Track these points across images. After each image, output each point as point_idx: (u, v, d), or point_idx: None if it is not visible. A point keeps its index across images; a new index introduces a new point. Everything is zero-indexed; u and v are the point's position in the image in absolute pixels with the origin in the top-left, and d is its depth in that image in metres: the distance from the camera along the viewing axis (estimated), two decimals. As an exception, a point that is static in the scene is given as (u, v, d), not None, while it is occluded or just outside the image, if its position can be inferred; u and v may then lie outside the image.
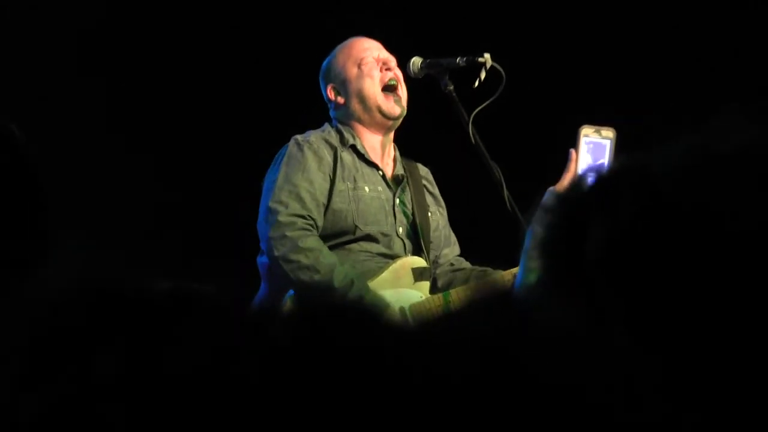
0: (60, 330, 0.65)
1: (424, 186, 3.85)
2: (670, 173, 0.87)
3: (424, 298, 3.61)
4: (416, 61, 3.66)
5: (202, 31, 5.29)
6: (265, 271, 3.59)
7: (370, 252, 3.61)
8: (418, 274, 3.64)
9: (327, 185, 3.59)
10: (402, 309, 3.56)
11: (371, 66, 3.67)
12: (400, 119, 3.72)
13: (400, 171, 3.77)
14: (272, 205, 3.51)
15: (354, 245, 3.60)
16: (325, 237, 3.55)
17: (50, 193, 1.15)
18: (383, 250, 3.64)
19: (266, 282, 3.59)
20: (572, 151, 3.03)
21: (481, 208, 3.92)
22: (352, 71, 3.68)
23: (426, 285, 3.64)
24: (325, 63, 3.77)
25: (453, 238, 3.85)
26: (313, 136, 3.64)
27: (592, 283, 0.87)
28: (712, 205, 0.85)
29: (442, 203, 3.88)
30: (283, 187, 3.53)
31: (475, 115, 3.54)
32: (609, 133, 3.05)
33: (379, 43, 3.76)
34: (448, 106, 3.61)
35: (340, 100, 3.70)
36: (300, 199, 3.52)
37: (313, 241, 3.49)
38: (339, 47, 3.76)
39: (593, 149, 3.06)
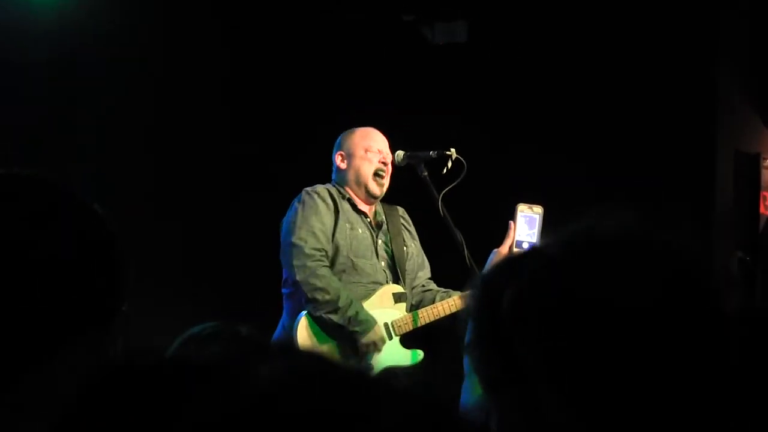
0: (88, 408, 0.69)
1: (402, 224, 4.30)
2: (560, 253, 0.99)
3: (401, 315, 4.13)
4: (400, 153, 4.20)
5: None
6: (285, 297, 4.10)
7: (361, 282, 4.11)
8: (397, 297, 4.15)
9: (332, 224, 4.08)
10: (386, 324, 4.08)
11: (373, 154, 4.16)
12: (379, 199, 4.21)
13: (381, 219, 4.25)
14: (295, 240, 4.01)
15: (346, 276, 4.08)
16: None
17: (129, 264, 1.12)
18: (370, 279, 4.11)
19: (286, 305, 4.11)
20: (511, 222, 3.47)
21: (446, 263, 4.13)
22: (359, 151, 4.16)
23: (403, 305, 4.15)
24: (344, 133, 4.26)
25: (426, 262, 4.31)
26: (320, 188, 4.16)
27: (506, 336, 0.97)
28: (590, 276, 0.96)
29: (416, 236, 4.33)
30: (302, 227, 4.03)
31: (443, 194, 3.98)
32: (538, 209, 3.48)
33: (386, 140, 4.23)
34: (423, 187, 4.06)
35: (343, 166, 4.21)
36: (315, 236, 4.02)
37: (326, 270, 4.00)
38: (358, 129, 4.22)
39: (527, 221, 3.47)
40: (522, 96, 5.59)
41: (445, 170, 4.00)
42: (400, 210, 4.33)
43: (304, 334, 4.00)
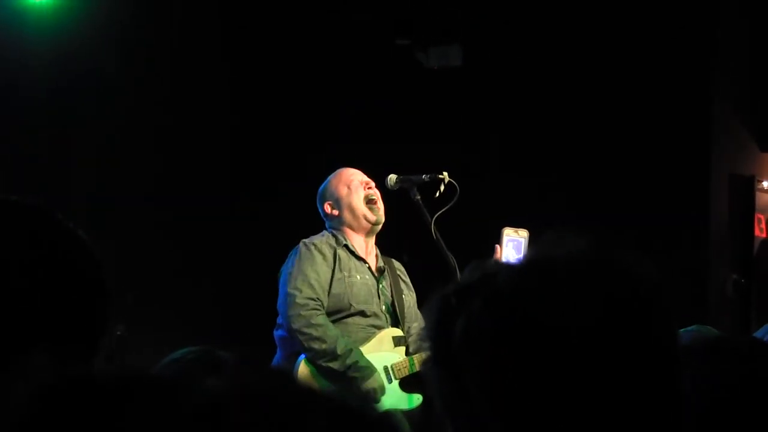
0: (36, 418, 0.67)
1: (399, 275, 4.32)
2: (506, 278, 1.02)
3: (401, 359, 4.17)
4: (392, 177, 4.21)
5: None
6: (279, 342, 4.13)
7: (361, 325, 4.11)
8: (397, 341, 4.18)
9: (329, 275, 4.06)
10: (386, 367, 4.12)
11: (357, 186, 4.20)
12: (380, 225, 4.21)
13: (381, 264, 4.25)
14: (290, 290, 3.99)
15: (349, 320, 4.08)
16: (328, 314, 4.03)
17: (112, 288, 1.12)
18: (370, 322, 4.13)
19: (281, 350, 4.13)
20: (497, 246, 3.59)
21: (439, 287, 4.36)
22: (343, 191, 4.20)
23: (402, 349, 4.19)
24: (321, 188, 4.27)
25: (420, 315, 4.07)
26: (317, 240, 4.15)
27: (457, 363, 0.99)
28: (532, 302, 0.98)
29: (412, 289, 4.33)
30: (298, 277, 4.00)
31: (436, 217, 4.02)
32: (524, 233, 3.57)
33: (359, 171, 4.27)
34: (416, 211, 4.09)
35: (335, 212, 4.20)
36: (311, 286, 3.99)
37: (321, 318, 3.98)
38: (331, 176, 4.29)
39: (513, 245, 3.56)
40: (516, 120, 5.66)
41: (437, 194, 4.03)
42: (397, 264, 4.36)
43: (304, 378, 3.98)
